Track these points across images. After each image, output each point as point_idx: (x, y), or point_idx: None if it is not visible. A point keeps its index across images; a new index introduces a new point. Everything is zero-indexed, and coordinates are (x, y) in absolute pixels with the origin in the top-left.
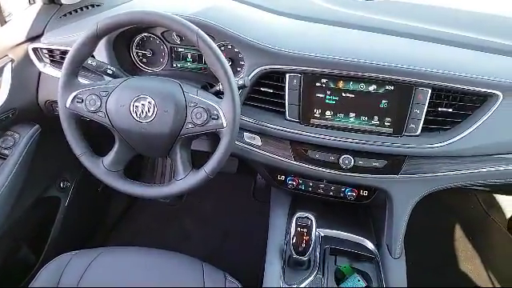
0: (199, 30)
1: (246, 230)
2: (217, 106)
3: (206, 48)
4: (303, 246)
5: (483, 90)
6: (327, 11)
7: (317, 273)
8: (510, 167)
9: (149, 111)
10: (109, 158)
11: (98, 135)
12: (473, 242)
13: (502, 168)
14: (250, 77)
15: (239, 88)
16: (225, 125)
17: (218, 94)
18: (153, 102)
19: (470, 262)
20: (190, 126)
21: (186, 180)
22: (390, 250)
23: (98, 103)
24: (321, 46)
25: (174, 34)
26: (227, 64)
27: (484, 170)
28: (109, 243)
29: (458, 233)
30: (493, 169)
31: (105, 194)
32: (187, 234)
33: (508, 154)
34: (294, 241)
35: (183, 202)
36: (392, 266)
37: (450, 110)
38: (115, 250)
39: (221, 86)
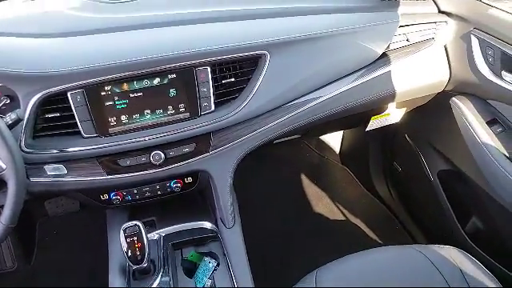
0: None
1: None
2: None
3: None
4: (138, 253)
5: (252, 53)
6: (89, 21)
7: (162, 273)
8: (297, 111)
9: None
10: None
11: None
12: (318, 183)
13: (292, 114)
14: (27, 108)
15: (14, 123)
16: (4, 167)
17: None
18: None
19: (320, 201)
20: None
21: None
22: (224, 222)
23: None
24: (91, 57)
25: None
26: None
27: (280, 120)
28: None
29: (304, 181)
30: (286, 117)
31: None
32: None
33: (290, 102)
34: (130, 253)
35: (33, 263)
36: (228, 236)
37: (233, 80)
38: None
39: None
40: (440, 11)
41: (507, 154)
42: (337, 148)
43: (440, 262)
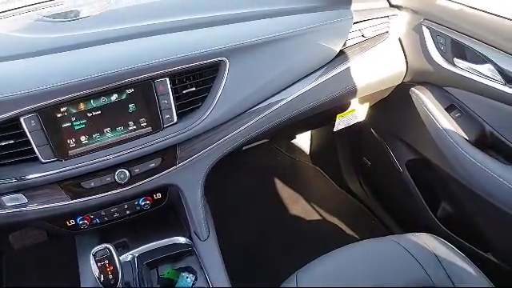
0: None
1: None
2: None
3: None
4: (111, 277)
5: (210, 60)
6: (36, 41)
7: None
8: (262, 115)
9: None
10: None
11: None
12: (291, 185)
13: (257, 118)
14: None
15: None
16: None
17: None
18: None
19: (294, 203)
20: None
21: None
22: (198, 235)
23: None
24: (41, 78)
25: None
26: None
27: (246, 125)
28: None
29: (277, 184)
30: (251, 122)
31: None
32: None
33: (255, 106)
34: (103, 278)
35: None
36: (204, 248)
37: (194, 89)
38: None
39: None
40: (391, 5)
41: (467, 138)
42: (307, 149)
43: (415, 250)
